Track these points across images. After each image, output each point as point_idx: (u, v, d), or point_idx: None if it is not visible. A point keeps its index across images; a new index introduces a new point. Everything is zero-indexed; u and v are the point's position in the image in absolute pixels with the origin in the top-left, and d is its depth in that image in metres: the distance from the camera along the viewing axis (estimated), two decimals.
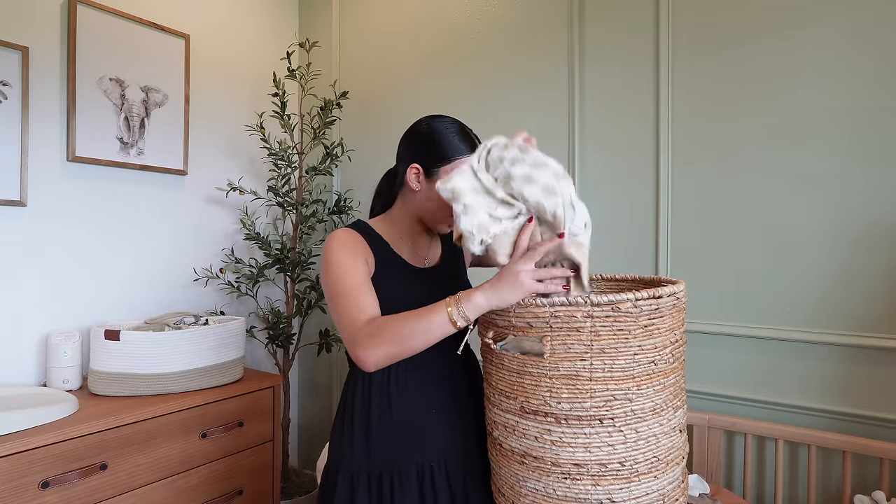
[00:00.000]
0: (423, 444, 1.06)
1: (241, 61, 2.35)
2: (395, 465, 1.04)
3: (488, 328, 0.96)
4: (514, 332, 0.89)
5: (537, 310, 0.85)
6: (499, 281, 0.89)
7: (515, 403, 0.90)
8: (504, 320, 0.91)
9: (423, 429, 1.06)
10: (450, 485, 1.06)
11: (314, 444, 2.56)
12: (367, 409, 1.07)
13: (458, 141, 1.08)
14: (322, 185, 2.48)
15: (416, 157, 1.09)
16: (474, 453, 1.11)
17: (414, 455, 1.05)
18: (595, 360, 0.83)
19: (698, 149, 1.65)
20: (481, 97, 2.05)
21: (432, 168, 1.07)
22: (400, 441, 1.05)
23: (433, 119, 1.12)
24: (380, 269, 1.06)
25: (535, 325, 0.86)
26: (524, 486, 0.90)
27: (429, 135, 1.09)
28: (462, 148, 1.07)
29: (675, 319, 0.88)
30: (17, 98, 1.68)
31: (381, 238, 1.11)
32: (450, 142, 1.07)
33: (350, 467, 1.06)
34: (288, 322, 2.21)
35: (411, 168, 1.09)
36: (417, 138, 1.11)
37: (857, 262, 1.44)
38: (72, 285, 1.82)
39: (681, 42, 1.67)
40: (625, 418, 0.84)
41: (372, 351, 0.93)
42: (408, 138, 1.13)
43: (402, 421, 1.05)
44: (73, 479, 1.39)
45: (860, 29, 1.42)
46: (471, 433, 1.11)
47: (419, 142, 1.10)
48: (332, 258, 1.03)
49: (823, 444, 1.44)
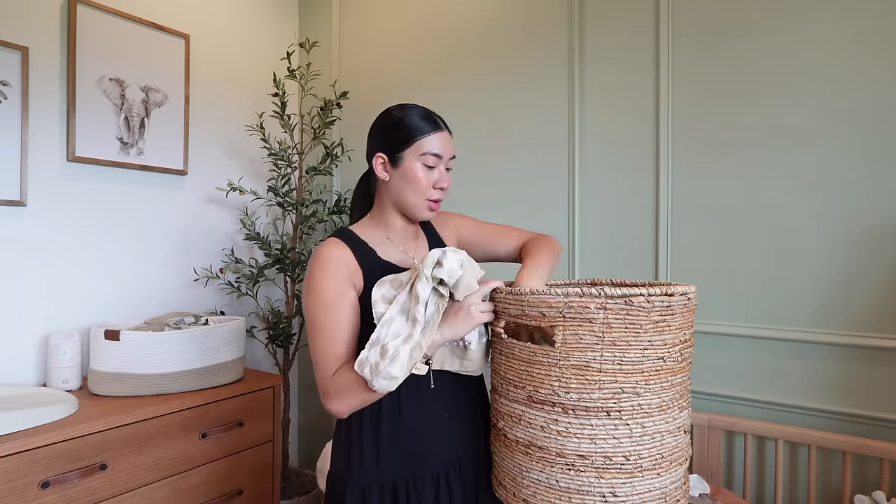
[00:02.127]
0: (438, 450, 1.04)
1: (241, 61, 2.35)
2: (411, 475, 1.03)
3: (500, 318, 0.96)
4: (527, 321, 0.90)
5: (551, 299, 0.86)
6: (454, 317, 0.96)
7: (523, 393, 0.91)
8: (517, 309, 0.91)
9: (436, 434, 1.04)
10: (463, 486, 1.06)
11: (314, 444, 2.56)
12: (376, 415, 1.04)
13: (417, 120, 1.06)
14: (322, 185, 2.48)
15: (379, 146, 1.08)
16: (482, 452, 1.10)
17: (430, 462, 1.04)
18: (605, 351, 0.84)
19: (699, 147, 1.65)
20: (482, 96, 2.05)
21: (395, 154, 1.06)
22: (414, 449, 1.03)
23: (392, 107, 1.11)
24: (368, 284, 1.03)
25: (548, 314, 0.87)
26: (526, 477, 0.90)
27: (388, 121, 1.08)
28: (423, 127, 1.06)
29: (686, 319, 0.89)
30: (17, 98, 1.68)
31: (367, 245, 1.08)
32: (409, 123, 1.06)
33: (360, 480, 1.03)
34: (288, 322, 2.21)
35: (376, 158, 1.08)
36: (378, 128, 1.10)
37: (859, 262, 1.45)
38: (72, 285, 1.82)
39: (681, 39, 1.67)
40: (632, 412, 0.84)
41: (339, 405, 0.99)
42: (371, 130, 1.12)
43: (413, 427, 1.03)
44: (73, 479, 1.39)
45: (865, 25, 1.43)
46: (480, 432, 1.10)
47: (380, 130, 1.09)
48: (315, 284, 1.01)
49: (823, 444, 1.44)
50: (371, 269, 1.04)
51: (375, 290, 0.98)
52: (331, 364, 0.99)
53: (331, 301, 1.00)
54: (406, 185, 1.06)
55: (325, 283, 1.01)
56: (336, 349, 1.00)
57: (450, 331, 0.96)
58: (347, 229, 1.12)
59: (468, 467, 1.07)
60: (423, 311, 0.93)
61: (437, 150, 1.06)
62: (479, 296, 0.97)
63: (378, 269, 1.05)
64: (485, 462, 1.10)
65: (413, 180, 1.06)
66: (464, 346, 1.00)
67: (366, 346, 0.93)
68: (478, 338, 1.00)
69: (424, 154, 1.05)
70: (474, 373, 1.04)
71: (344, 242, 1.06)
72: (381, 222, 1.13)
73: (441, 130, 1.07)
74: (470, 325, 0.96)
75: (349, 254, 1.04)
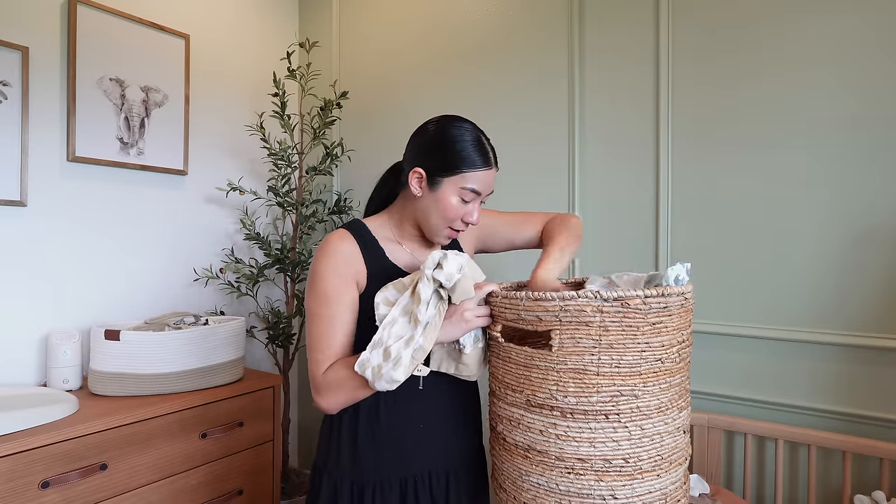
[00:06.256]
0: (407, 458, 1.04)
1: (241, 61, 2.35)
2: (379, 478, 1.03)
3: (497, 322, 0.96)
4: (523, 325, 0.90)
5: (547, 303, 0.85)
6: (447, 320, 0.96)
7: (521, 397, 0.91)
8: (514, 314, 0.91)
9: (408, 442, 1.05)
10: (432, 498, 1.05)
11: (314, 444, 2.56)
12: (355, 415, 1.05)
13: (470, 150, 0.99)
14: (322, 185, 2.48)
15: (421, 161, 1.02)
16: (461, 466, 1.10)
17: (398, 467, 1.04)
18: (603, 354, 0.83)
19: (700, 144, 1.65)
20: (482, 95, 2.05)
21: (437, 176, 1.00)
22: (385, 452, 1.04)
23: (448, 121, 1.03)
24: (371, 284, 1.02)
25: (544, 318, 0.86)
26: (526, 481, 0.90)
27: (439, 138, 1.01)
28: (474, 160, 0.99)
29: (683, 320, 0.88)
30: (17, 98, 1.68)
31: (377, 243, 1.06)
32: (460, 151, 0.99)
33: (334, 474, 1.06)
34: (288, 322, 2.21)
35: (414, 171, 1.02)
36: (426, 140, 1.03)
37: (859, 261, 1.44)
38: (72, 285, 1.82)
39: (681, 33, 1.67)
40: (630, 414, 0.84)
41: (328, 400, 0.99)
42: (416, 138, 1.05)
43: (388, 431, 1.04)
44: (73, 479, 1.39)
45: (870, 21, 1.42)
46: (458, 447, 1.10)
47: (427, 144, 1.02)
48: (318, 276, 1.01)
49: (823, 444, 1.44)
50: (376, 269, 1.04)
51: (379, 294, 0.98)
52: (323, 360, 0.99)
53: (332, 296, 1.00)
54: (435, 209, 1.02)
55: (328, 276, 1.00)
56: (331, 345, 1.00)
57: (442, 333, 0.95)
58: (359, 222, 1.09)
59: (439, 481, 1.06)
60: (424, 310, 0.93)
61: (480, 188, 1.01)
62: (475, 301, 0.96)
63: (383, 270, 1.04)
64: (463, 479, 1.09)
65: (444, 209, 1.01)
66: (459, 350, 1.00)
67: (368, 347, 0.93)
68: (473, 342, 1.00)
69: (465, 188, 1.00)
70: (469, 377, 1.03)
71: (353, 237, 1.04)
72: (397, 223, 1.10)
73: (490, 168, 1.02)
74: (462, 329, 0.95)
75: (357, 250, 1.03)
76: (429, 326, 0.93)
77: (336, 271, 1.00)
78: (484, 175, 1.01)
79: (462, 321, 0.95)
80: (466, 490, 1.10)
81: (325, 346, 1.00)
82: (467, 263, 0.95)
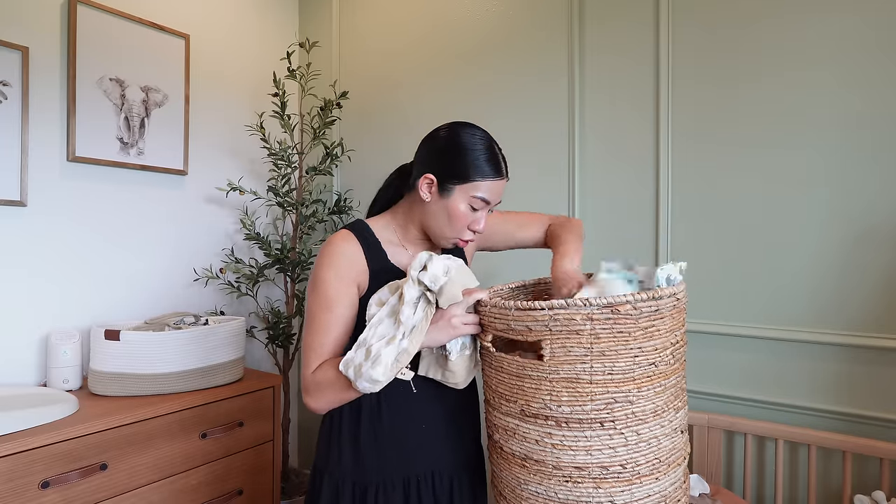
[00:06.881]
0: (410, 458, 1.04)
1: (241, 61, 2.35)
2: (382, 478, 1.03)
3: (487, 332, 0.95)
4: (513, 335, 0.89)
5: (536, 313, 0.84)
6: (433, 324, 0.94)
7: (516, 407, 0.90)
8: (503, 324, 0.90)
9: (411, 442, 1.05)
10: (435, 498, 1.06)
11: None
12: (356, 415, 1.05)
13: (482, 159, 1.00)
14: (322, 185, 2.48)
15: (432, 166, 1.02)
16: (463, 467, 1.10)
17: (401, 468, 1.04)
18: (595, 362, 0.82)
19: (700, 143, 1.64)
20: (482, 95, 2.04)
21: (447, 183, 1.00)
22: (388, 453, 1.04)
23: (460, 127, 1.03)
24: (373, 285, 1.03)
25: (534, 328, 0.85)
26: (526, 490, 0.90)
27: (452, 145, 1.01)
28: (486, 169, 0.99)
29: (676, 321, 0.87)
30: (17, 98, 1.68)
31: (380, 245, 1.06)
32: (473, 160, 0.99)
33: (336, 474, 1.05)
34: (288, 322, 2.21)
35: (424, 177, 1.02)
36: (438, 145, 1.03)
37: (859, 261, 1.44)
38: (72, 285, 1.82)
39: (681, 32, 1.66)
40: (626, 421, 0.83)
41: (316, 400, 0.99)
42: (428, 142, 1.05)
43: (390, 432, 1.04)
44: (73, 479, 1.39)
45: (871, 21, 1.41)
46: (460, 447, 1.10)
47: (439, 150, 1.02)
48: (320, 276, 1.01)
49: (823, 444, 1.44)
50: (378, 271, 1.04)
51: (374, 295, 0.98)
52: (314, 360, 1.00)
53: (332, 299, 1.00)
54: (443, 216, 1.02)
55: (329, 278, 1.01)
56: (325, 345, 1.00)
57: (427, 338, 0.94)
58: (362, 222, 1.09)
59: (442, 481, 1.07)
60: (408, 312, 0.92)
61: (490, 198, 1.02)
62: (462, 307, 0.95)
63: (385, 271, 1.04)
64: (466, 477, 1.10)
65: (453, 217, 1.02)
66: (445, 356, 0.99)
67: (353, 347, 0.93)
68: (459, 349, 0.98)
69: (476, 197, 1.00)
70: (456, 385, 1.02)
71: (356, 238, 1.04)
72: (401, 225, 1.10)
73: (501, 178, 1.02)
74: (447, 335, 0.95)
75: (359, 252, 1.03)
76: (415, 330, 0.92)
77: (338, 274, 1.01)
78: (495, 185, 1.02)
79: (448, 327, 0.94)
80: (470, 490, 1.10)
81: (318, 346, 1.00)
82: (456, 268, 0.94)
